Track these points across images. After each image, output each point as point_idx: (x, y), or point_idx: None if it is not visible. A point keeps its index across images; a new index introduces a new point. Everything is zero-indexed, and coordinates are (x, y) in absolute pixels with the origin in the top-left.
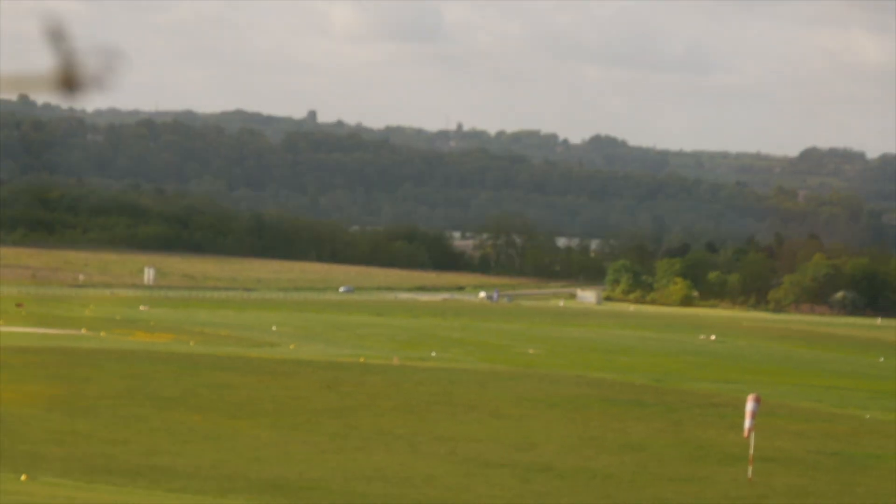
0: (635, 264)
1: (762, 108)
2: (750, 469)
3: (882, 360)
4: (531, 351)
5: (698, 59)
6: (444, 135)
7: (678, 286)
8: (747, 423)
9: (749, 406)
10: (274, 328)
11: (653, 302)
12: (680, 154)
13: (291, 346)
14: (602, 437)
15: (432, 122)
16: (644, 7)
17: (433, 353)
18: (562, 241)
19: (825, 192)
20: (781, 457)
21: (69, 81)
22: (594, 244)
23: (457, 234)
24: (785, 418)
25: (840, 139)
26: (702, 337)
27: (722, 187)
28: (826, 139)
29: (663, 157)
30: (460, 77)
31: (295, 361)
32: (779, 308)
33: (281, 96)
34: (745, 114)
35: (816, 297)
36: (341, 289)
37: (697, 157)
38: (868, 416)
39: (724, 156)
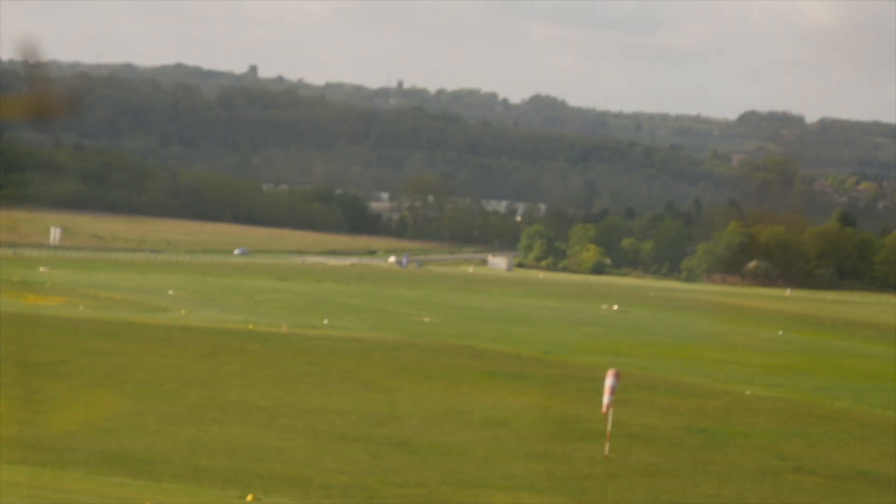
0: (549, 230)
1: (705, 69)
2: (607, 446)
3: (780, 333)
4: (426, 320)
5: (644, 18)
6: (384, 92)
7: (590, 253)
8: (606, 399)
9: (608, 382)
10: (171, 292)
11: (565, 269)
12: (619, 116)
13: (182, 312)
14: (469, 412)
15: (375, 79)
16: None
17: (326, 321)
18: (492, 205)
19: (762, 157)
20: (646, 434)
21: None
22: (521, 208)
23: (385, 196)
24: (662, 394)
25: (781, 103)
26: (604, 307)
27: (656, 151)
28: (767, 102)
29: (602, 118)
30: (405, 33)
31: (180, 328)
32: (691, 277)
33: (222, 50)
34: (688, 75)
35: (730, 266)
36: (236, 251)
37: (637, 119)
38: (748, 392)
39: (664, 118)
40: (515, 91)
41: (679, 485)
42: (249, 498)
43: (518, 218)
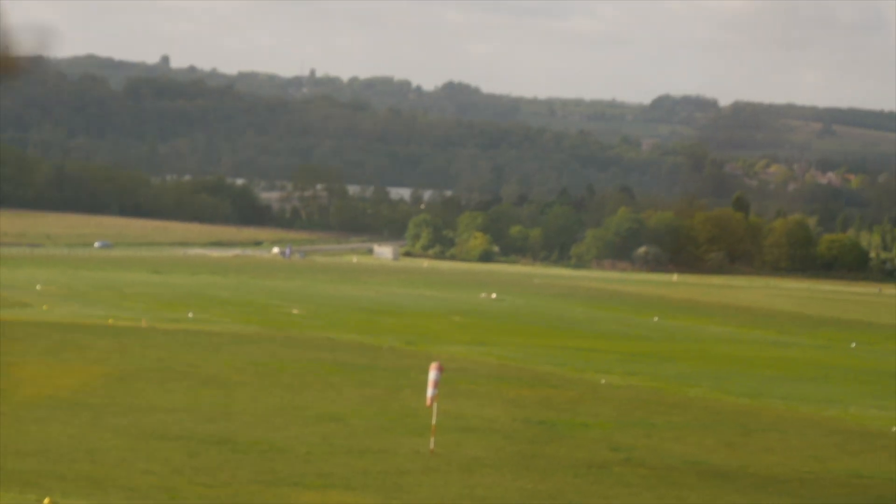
0: (438, 218)
1: (620, 54)
2: (432, 440)
3: (656, 319)
4: (294, 311)
5: (559, 3)
6: (297, 81)
7: (478, 241)
8: (430, 391)
9: (431, 375)
10: (38, 287)
11: (452, 258)
12: (533, 101)
13: (44, 307)
14: (306, 407)
15: (289, 68)
16: None
17: (190, 314)
18: (398, 192)
19: (675, 141)
20: (482, 426)
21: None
22: (427, 195)
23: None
24: (512, 383)
25: (695, 87)
26: (482, 295)
27: (565, 136)
28: (681, 87)
29: (516, 104)
30: (319, 22)
31: (34, 324)
32: (580, 264)
33: (135, 42)
34: (603, 60)
35: (619, 252)
36: (97, 244)
37: (550, 105)
38: (604, 381)
39: (578, 103)
40: (429, 78)
41: (498, 479)
42: (46, 501)
43: (422, 206)
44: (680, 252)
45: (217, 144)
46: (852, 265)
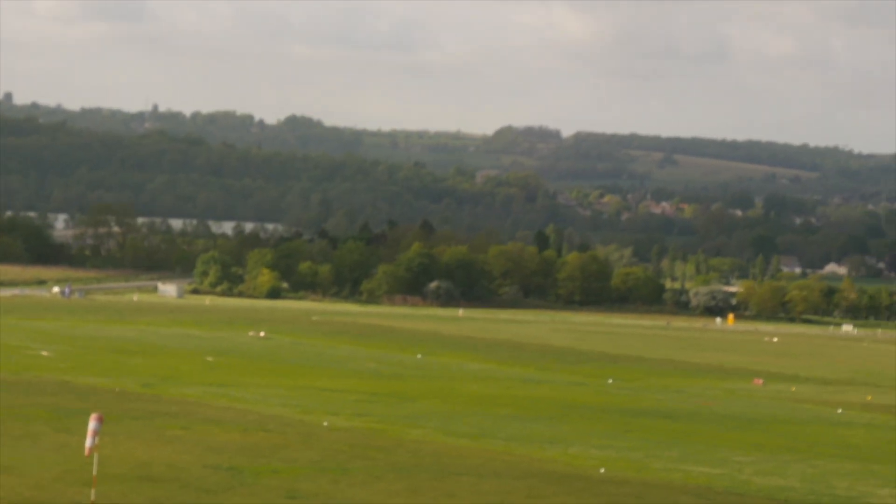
0: (225, 255)
1: (465, 85)
2: (93, 492)
3: (419, 356)
4: (44, 353)
5: (404, 36)
6: (140, 116)
7: (265, 278)
8: (88, 441)
9: (91, 425)
10: None
11: (240, 294)
12: (377, 134)
13: None
14: None
15: (134, 103)
16: None
17: None
18: (226, 226)
19: (511, 172)
20: (164, 475)
21: None
22: (249, 228)
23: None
24: (226, 427)
25: (538, 117)
26: (251, 333)
27: (399, 168)
28: (525, 117)
29: (358, 137)
30: (165, 57)
31: None
32: (371, 299)
33: None
34: (448, 92)
35: (411, 287)
36: None
37: (393, 137)
38: (325, 424)
39: (422, 135)
40: (273, 112)
41: None
42: None
43: (201, 241)
44: (473, 286)
45: (50, 181)
46: (647, 298)
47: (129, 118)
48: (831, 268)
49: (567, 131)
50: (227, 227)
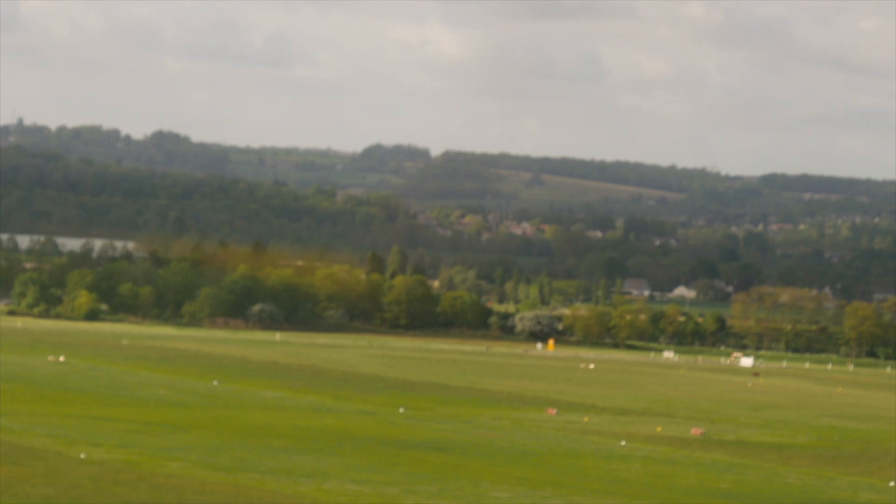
0: (44, 276)
1: (337, 102)
2: None
3: (216, 383)
4: None
5: (278, 52)
6: (5, 130)
7: (84, 300)
8: None
9: None
10: None
11: (58, 316)
12: (245, 150)
13: None
14: None
15: (1, 116)
16: None
17: None
18: (69, 244)
19: (372, 191)
20: None
21: None
22: (98, 245)
23: None
24: None
25: (408, 136)
26: (50, 358)
27: (259, 186)
28: (396, 135)
29: (225, 153)
30: (35, 69)
31: None
32: (193, 322)
33: None
34: (321, 108)
35: (235, 309)
36: None
37: (260, 154)
38: (83, 456)
39: (289, 152)
40: (142, 127)
41: None
42: None
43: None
44: (297, 309)
45: None
46: (473, 322)
47: None
48: (680, 291)
49: (437, 150)
50: (78, 245)
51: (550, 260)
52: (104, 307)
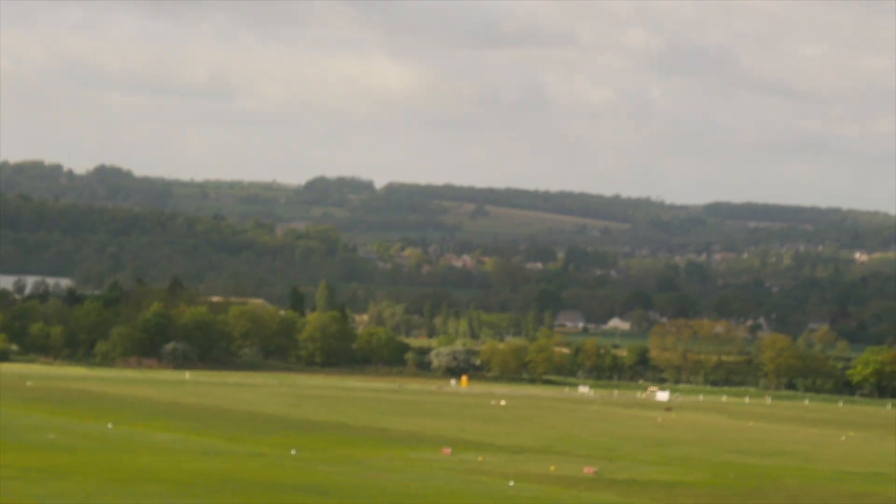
0: None
1: (282, 135)
2: None
3: (111, 426)
4: None
5: (221, 84)
6: None
7: None
8: None
9: None
10: None
11: None
12: (189, 184)
13: None
14: None
15: None
16: (163, 30)
17: None
18: (8, 282)
19: (326, 223)
20: None
21: None
22: (30, 284)
23: None
24: None
25: (353, 167)
26: None
27: (198, 221)
28: (340, 167)
29: (169, 187)
30: None
31: None
32: (106, 362)
33: None
34: (264, 141)
35: (148, 348)
36: None
37: (203, 188)
38: None
39: (233, 185)
40: (84, 161)
41: None
42: None
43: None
44: (212, 348)
45: None
46: (389, 359)
47: None
48: (615, 322)
49: (381, 182)
50: (10, 283)
51: (487, 292)
52: (14, 347)
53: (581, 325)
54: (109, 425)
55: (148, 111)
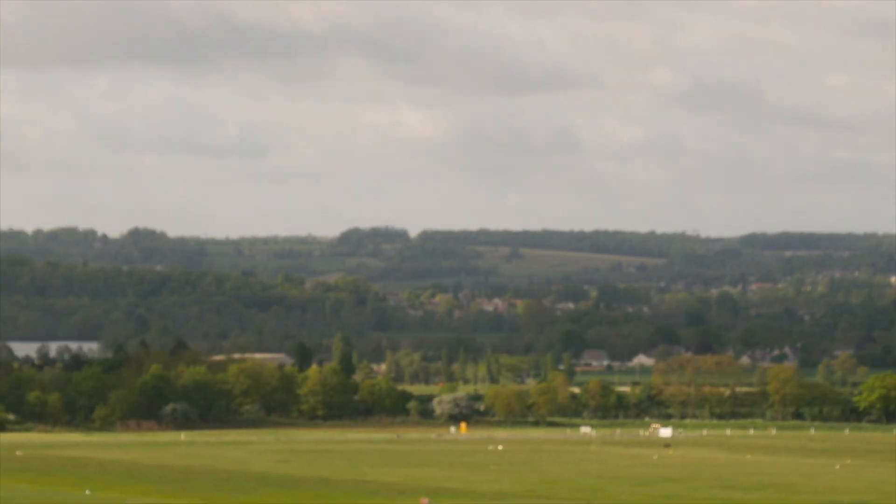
0: None
1: (314, 189)
2: None
3: (88, 492)
4: None
5: (252, 142)
6: None
7: None
8: None
9: None
10: None
11: None
12: (223, 242)
13: None
14: None
15: None
16: (191, 92)
17: None
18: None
19: (341, 276)
20: None
21: None
22: (54, 348)
23: None
24: None
25: (388, 217)
26: None
27: (227, 279)
28: (374, 218)
29: (203, 246)
30: (12, 174)
31: None
32: (105, 426)
33: None
34: (299, 196)
35: (148, 411)
36: None
37: (238, 245)
38: None
39: (268, 241)
40: (117, 225)
41: None
42: None
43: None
44: (212, 407)
45: None
46: (391, 409)
47: None
48: (640, 359)
49: (416, 230)
50: (34, 350)
51: (513, 335)
52: (11, 416)
53: (606, 363)
54: (87, 491)
55: (179, 172)
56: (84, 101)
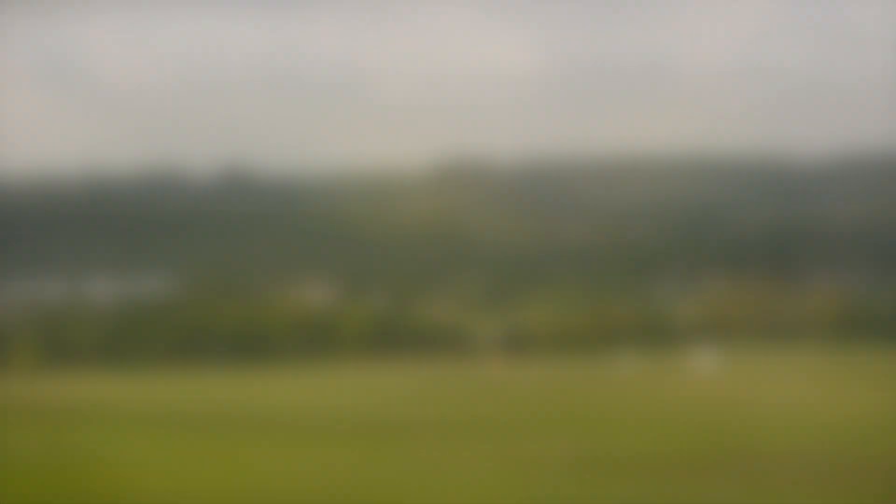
0: None
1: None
2: None
3: None
4: None
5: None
6: None
7: None
8: None
9: None
10: None
11: None
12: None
13: None
14: None
15: None
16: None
17: None
18: None
19: None
20: None
21: None
22: None
23: None
24: None
25: None
26: None
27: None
28: None
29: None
30: (101, 111)
31: None
32: None
33: None
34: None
35: None
36: None
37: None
38: None
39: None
40: (208, 165)
41: None
42: None
43: None
44: None
45: None
46: None
47: None
48: None
49: None
50: None
51: None
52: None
53: None
54: None
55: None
56: (166, 40)
